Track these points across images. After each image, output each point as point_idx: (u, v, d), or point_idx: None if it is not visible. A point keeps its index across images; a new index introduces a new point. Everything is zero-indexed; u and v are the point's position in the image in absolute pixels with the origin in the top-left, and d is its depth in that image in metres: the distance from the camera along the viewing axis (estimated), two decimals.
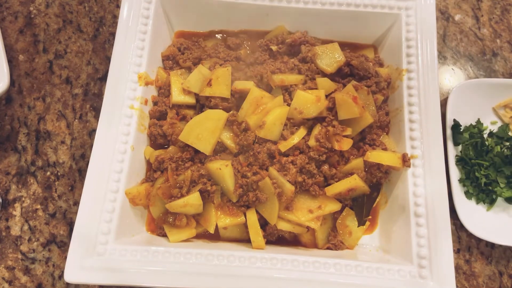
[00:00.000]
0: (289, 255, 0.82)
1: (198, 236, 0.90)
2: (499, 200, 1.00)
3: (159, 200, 0.88)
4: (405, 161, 0.89)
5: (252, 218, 0.87)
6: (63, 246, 0.97)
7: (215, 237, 0.90)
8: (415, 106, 0.93)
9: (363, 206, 0.94)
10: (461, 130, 1.03)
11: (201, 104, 0.97)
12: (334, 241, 0.91)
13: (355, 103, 0.90)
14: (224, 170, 0.86)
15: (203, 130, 0.90)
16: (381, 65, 1.05)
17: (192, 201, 0.85)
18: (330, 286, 0.79)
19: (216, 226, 0.87)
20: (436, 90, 0.93)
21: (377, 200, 0.96)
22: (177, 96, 0.96)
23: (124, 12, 0.96)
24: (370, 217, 0.95)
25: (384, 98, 0.98)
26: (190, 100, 0.97)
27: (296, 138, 0.90)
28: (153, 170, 0.92)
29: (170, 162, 0.89)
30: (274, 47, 1.04)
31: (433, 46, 0.96)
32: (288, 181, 0.87)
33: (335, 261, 0.81)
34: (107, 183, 0.85)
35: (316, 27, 1.06)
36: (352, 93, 0.91)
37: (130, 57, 0.93)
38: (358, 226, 0.92)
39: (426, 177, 0.88)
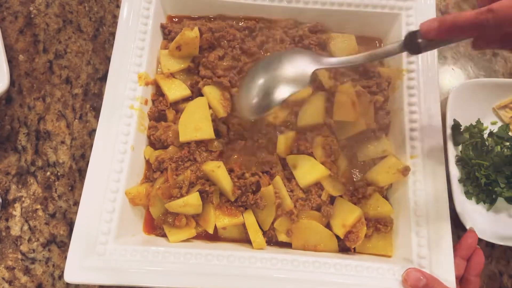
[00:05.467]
0: (289, 255, 0.82)
1: (198, 237, 0.90)
2: (499, 200, 1.00)
3: (159, 200, 0.88)
4: (405, 174, 0.89)
5: (250, 218, 0.87)
6: (63, 246, 0.97)
7: (215, 237, 0.90)
8: (415, 106, 0.93)
9: None
10: (461, 130, 1.03)
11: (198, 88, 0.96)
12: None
13: (353, 108, 0.90)
14: (217, 172, 0.85)
15: (198, 121, 0.90)
16: (382, 64, 1.05)
17: (191, 201, 0.84)
18: (330, 286, 0.79)
19: (215, 226, 0.87)
20: (436, 90, 0.93)
21: None
22: (173, 94, 0.96)
23: (124, 12, 0.96)
24: None
25: (384, 99, 0.98)
26: (186, 92, 0.96)
27: None
28: (153, 170, 0.91)
29: (170, 162, 0.89)
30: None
31: None
32: (290, 193, 0.88)
33: (335, 261, 0.81)
34: (107, 183, 0.84)
35: None
36: (353, 98, 0.91)
37: (130, 57, 0.93)
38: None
39: (426, 177, 0.88)
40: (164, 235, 0.89)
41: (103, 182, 0.84)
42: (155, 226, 0.90)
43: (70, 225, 0.98)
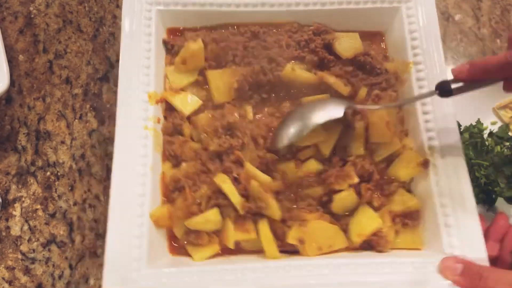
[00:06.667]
0: (328, 259, 0.82)
1: (224, 251, 0.88)
2: (499, 200, 1.00)
3: (180, 220, 0.86)
4: (425, 167, 0.88)
5: (263, 228, 0.85)
6: (63, 246, 0.97)
7: (239, 250, 0.88)
8: (427, 99, 0.92)
9: None
10: (461, 130, 1.03)
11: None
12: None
13: (388, 128, 0.89)
14: (224, 187, 0.84)
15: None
16: (387, 59, 1.04)
17: (211, 217, 0.83)
18: (368, 287, 0.79)
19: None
20: (445, 77, 0.92)
21: None
22: (187, 109, 0.94)
23: (125, 31, 0.93)
24: None
25: (396, 94, 0.97)
26: (198, 103, 0.95)
27: None
28: (171, 190, 0.89)
29: (186, 180, 0.87)
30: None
31: (437, 36, 0.96)
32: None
33: (369, 261, 0.81)
34: (132, 208, 0.82)
35: None
36: (385, 118, 0.90)
37: (138, 77, 0.91)
38: None
39: (447, 166, 0.87)
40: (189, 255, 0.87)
41: (127, 207, 0.82)
42: (180, 246, 0.88)
43: (70, 225, 0.98)
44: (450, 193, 0.85)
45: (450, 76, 0.73)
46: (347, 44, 0.99)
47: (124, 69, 0.91)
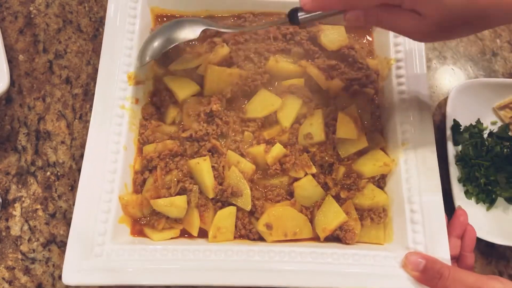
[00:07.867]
0: (287, 247, 0.82)
1: (184, 234, 0.89)
2: (499, 200, 1.00)
3: (147, 201, 0.87)
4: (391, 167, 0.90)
5: (222, 214, 0.86)
6: (63, 246, 0.97)
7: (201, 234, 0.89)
8: (405, 95, 0.94)
9: None
10: (461, 130, 1.03)
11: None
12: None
13: (356, 125, 0.90)
14: (202, 164, 0.85)
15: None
16: (371, 54, 1.05)
17: (177, 201, 0.84)
18: (329, 276, 0.79)
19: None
20: (424, 76, 0.95)
21: None
22: (183, 93, 0.95)
23: (111, 12, 0.96)
24: None
25: (375, 91, 0.99)
26: (196, 87, 0.96)
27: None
28: (141, 170, 0.90)
29: (158, 160, 0.88)
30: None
31: None
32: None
33: (332, 251, 0.82)
34: (101, 184, 0.84)
35: None
36: (354, 114, 0.92)
37: (119, 57, 0.93)
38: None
39: (418, 163, 0.88)
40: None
41: (98, 183, 0.84)
42: (141, 229, 0.89)
43: (70, 225, 0.98)
44: (419, 190, 0.86)
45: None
46: (333, 37, 1.00)
47: (106, 49, 0.94)
